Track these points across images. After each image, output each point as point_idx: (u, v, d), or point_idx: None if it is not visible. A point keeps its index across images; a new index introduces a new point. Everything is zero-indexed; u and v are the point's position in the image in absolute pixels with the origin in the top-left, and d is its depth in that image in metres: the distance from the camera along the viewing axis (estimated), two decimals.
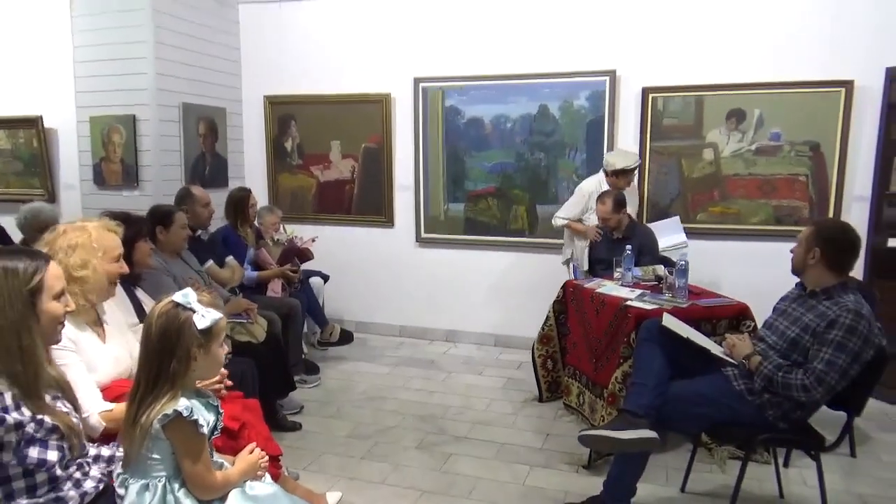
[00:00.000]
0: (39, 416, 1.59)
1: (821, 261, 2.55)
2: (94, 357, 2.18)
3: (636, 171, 4.54)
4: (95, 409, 2.03)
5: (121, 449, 1.77)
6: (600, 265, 4.35)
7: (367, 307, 5.71)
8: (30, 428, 1.56)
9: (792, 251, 2.72)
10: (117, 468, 1.72)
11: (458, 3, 5.13)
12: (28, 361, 1.58)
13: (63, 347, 2.02)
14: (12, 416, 1.53)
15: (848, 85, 4.32)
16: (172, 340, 1.64)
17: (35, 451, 1.57)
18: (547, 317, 4.10)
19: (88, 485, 1.70)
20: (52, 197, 5.25)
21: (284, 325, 4.13)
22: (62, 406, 1.71)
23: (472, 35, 5.12)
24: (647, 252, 4.18)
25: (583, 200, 4.54)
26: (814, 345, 2.46)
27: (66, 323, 2.06)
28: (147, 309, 2.81)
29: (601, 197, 4.29)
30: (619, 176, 4.35)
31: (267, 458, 1.94)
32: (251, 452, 1.88)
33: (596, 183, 4.52)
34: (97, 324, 2.30)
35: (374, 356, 5.09)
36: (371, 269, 5.66)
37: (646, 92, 4.73)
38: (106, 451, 1.82)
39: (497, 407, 4.06)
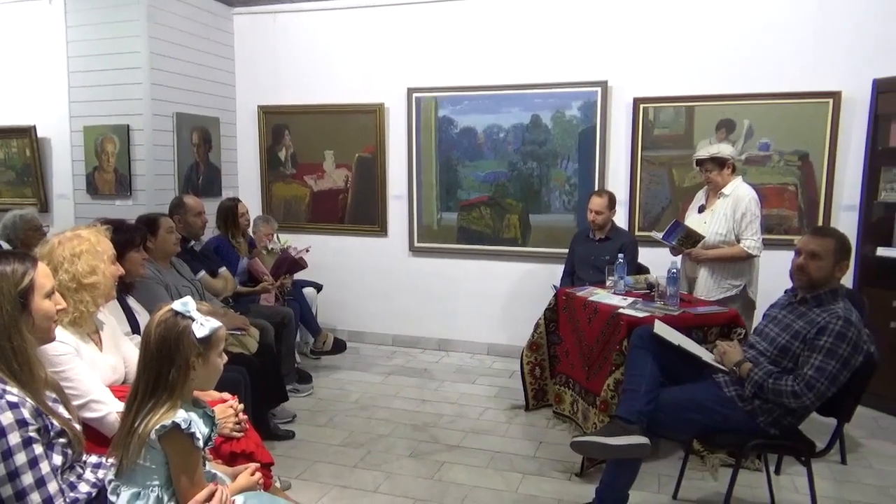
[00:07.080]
0: (49, 420, 1.61)
1: (843, 272, 2.61)
2: (93, 365, 2.18)
3: (717, 168, 3.79)
4: (114, 406, 2.04)
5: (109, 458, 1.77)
6: (584, 270, 4.36)
7: (360, 316, 5.71)
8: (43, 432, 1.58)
9: (802, 265, 2.58)
10: (108, 474, 1.72)
11: (451, 14, 5.17)
12: (22, 361, 1.60)
13: (66, 353, 2.02)
14: (37, 420, 1.56)
15: (836, 96, 4.37)
16: (171, 349, 1.63)
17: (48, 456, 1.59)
18: (537, 324, 4.10)
19: (83, 488, 1.70)
20: (44, 206, 5.22)
21: (277, 334, 4.12)
22: (63, 412, 1.71)
23: (466, 46, 5.16)
24: (628, 253, 4.16)
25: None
26: (804, 351, 2.49)
27: (68, 332, 2.06)
28: (139, 318, 2.83)
29: (599, 191, 4.42)
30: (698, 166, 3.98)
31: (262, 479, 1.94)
32: (252, 474, 1.89)
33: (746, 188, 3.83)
34: (94, 332, 2.31)
35: (366, 365, 5.09)
36: (364, 278, 5.66)
37: (637, 102, 4.77)
38: (93, 458, 1.82)
39: (490, 415, 4.07)
